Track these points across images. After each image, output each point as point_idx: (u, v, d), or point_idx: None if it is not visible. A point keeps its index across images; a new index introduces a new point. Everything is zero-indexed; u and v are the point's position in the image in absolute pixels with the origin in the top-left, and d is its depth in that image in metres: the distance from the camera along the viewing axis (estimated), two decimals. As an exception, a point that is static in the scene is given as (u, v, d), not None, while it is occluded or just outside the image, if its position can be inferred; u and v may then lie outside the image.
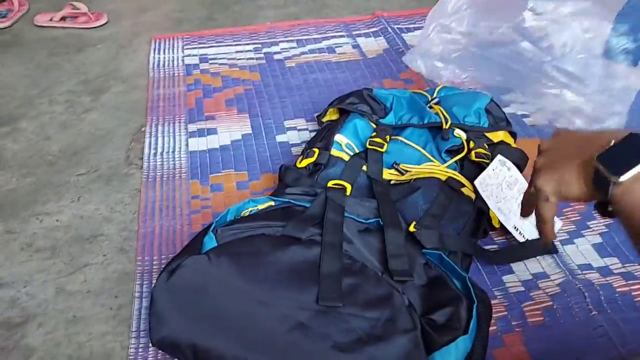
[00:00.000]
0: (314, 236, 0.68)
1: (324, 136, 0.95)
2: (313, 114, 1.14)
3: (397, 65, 1.30)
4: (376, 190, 0.82)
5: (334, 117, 1.02)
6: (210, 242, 0.68)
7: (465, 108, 0.96)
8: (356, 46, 1.38)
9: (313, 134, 1.08)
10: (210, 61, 1.33)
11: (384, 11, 1.53)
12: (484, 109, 0.97)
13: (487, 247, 0.82)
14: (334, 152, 0.90)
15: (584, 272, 0.79)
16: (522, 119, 1.11)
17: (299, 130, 1.10)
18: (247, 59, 1.34)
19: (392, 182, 0.88)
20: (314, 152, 0.90)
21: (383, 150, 0.90)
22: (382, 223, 0.73)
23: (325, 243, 0.66)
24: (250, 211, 0.76)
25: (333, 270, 0.62)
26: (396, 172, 0.89)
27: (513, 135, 0.97)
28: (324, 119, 1.03)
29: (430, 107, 0.99)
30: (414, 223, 0.74)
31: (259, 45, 1.39)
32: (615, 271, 0.79)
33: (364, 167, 0.89)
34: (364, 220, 0.74)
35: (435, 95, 1.02)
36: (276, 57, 1.35)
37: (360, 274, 0.63)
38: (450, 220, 0.79)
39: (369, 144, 0.91)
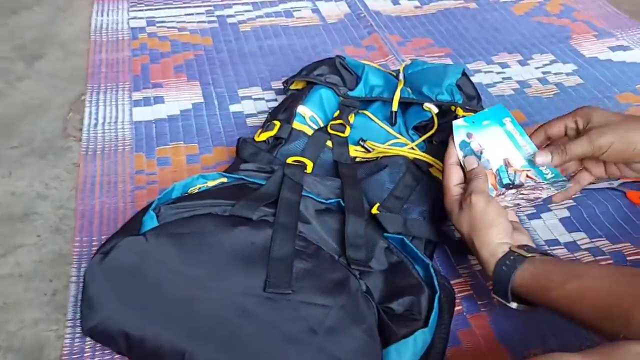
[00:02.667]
0: (266, 216, 0.62)
1: (287, 107, 0.88)
2: (269, 82, 1.07)
3: (358, 31, 1.24)
4: (341, 171, 0.77)
5: (300, 85, 0.94)
6: (150, 221, 0.61)
7: (436, 85, 0.87)
8: (316, 10, 1.31)
9: (270, 103, 1.01)
10: (158, 24, 1.24)
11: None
12: (455, 84, 0.88)
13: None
14: (296, 125, 0.84)
15: (551, 247, 0.76)
16: (487, 89, 1.06)
17: (255, 99, 1.02)
18: (199, 22, 1.25)
19: (357, 159, 0.82)
20: (274, 124, 0.83)
21: (345, 135, 0.83)
22: (342, 205, 0.68)
23: (278, 224, 0.60)
24: (199, 188, 0.70)
25: (284, 253, 0.57)
26: (362, 149, 0.83)
27: None
28: (291, 87, 0.95)
29: None
30: (377, 205, 0.69)
31: (211, 8, 1.30)
32: (583, 246, 0.76)
33: (329, 143, 0.82)
34: (324, 200, 0.69)
35: (400, 76, 0.93)
36: (230, 20, 1.26)
37: (315, 258, 0.58)
38: (416, 203, 0.74)
39: (330, 128, 0.84)
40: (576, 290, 0.54)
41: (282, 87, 1.03)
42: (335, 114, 0.88)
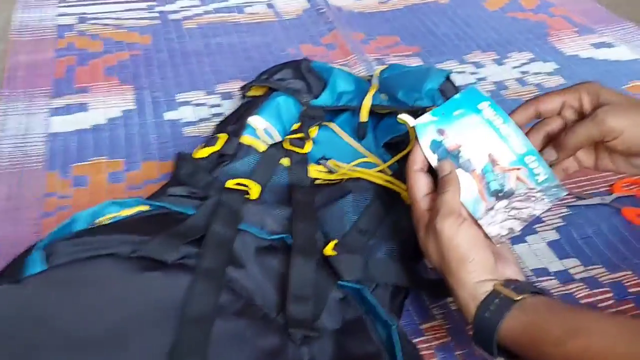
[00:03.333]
0: (187, 258, 0.49)
1: (238, 117, 0.75)
2: (214, 85, 0.93)
3: (318, 27, 1.11)
4: (294, 197, 0.63)
5: (260, 92, 0.80)
6: (35, 264, 0.47)
7: (414, 90, 0.73)
8: (271, 5, 1.18)
9: (213, 109, 0.88)
10: (90, 21, 1.09)
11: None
12: (438, 89, 0.74)
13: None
14: (246, 139, 0.70)
15: (539, 278, 0.64)
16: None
17: (195, 105, 0.89)
18: (138, 18, 1.11)
19: (318, 181, 0.69)
20: (218, 138, 0.70)
21: (304, 151, 0.70)
22: (289, 242, 0.55)
23: (200, 269, 0.47)
24: (111, 218, 0.56)
25: (202, 310, 0.43)
26: (324, 170, 0.70)
27: None
28: (248, 94, 0.82)
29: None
30: (333, 243, 0.56)
31: (154, 3, 1.16)
32: (577, 276, 0.65)
33: (285, 161, 0.69)
34: (266, 236, 0.55)
35: (374, 80, 0.79)
36: (173, 17, 1.12)
37: (243, 317, 0.45)
38: (385, 238, 0.60)
39: (288, 144, 0.71)
40: (579, 351, 0.42)
41: (230, 91, 0.91)
42: (295, 126, 0.74)
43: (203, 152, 0.67)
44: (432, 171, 0.55)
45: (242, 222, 0.57)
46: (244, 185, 0.63)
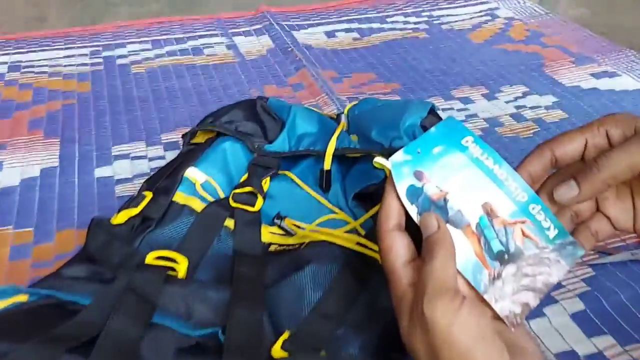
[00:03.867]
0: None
1: (173, 170, 0.60)
2: (159, 134, 0.79)
3: (284, 67, 0.98)
4: (236, 272, 0.48)
5: (205, 138, 0.66)
6: None
7: (391, 127, 0.60)
8: (232, 46, 1.06)
9: (155, 163, 0.73)
10: (23, 69, 0.96)
11: (271, 6, 1.22)
12: (420, 125, 0.61)
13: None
14: (180, 197, 0.56)
15: (566, 365, 0.49)
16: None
17: (133, 158, 0.74)
18: (78, 65, 0.98)
19: (272, 247, 0.54)
20: (144, 197, 0.55)
21: (255, 209, 0.56)
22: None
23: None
24: (-22, 313, 0.41)
25: None
26: (280, 231, 0.56)
27: None
28: (193, 141, 0.67)
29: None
30: (285, 335, 0.41)
31: (99, 48, 1.03)
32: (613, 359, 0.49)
33: (229, 223, 0.55)
34: (191, 332, 0.40)
35: (342, 118, 0.65)
36: (120, 61, 0.99)
37: None
38: (358, 326, 0.44)
39: (232, 199, 0.56)
40: None
41: (177, 140, 0.77)
42: (244, 178, 0.60)
43: (120, 217, 0.52)
44: (412, 229, 0.40)
45: (159, 313, 0.41)
46: (169, 259, 0.48)
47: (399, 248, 0.38)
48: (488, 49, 1.06)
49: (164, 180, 0.58)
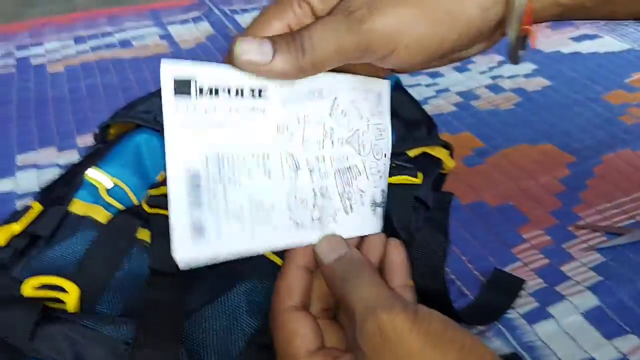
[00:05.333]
0: None
1: (72, 175, 0.47)
2: (74, 138, 0.66)
3: (225, 53, 0.86)
4: (148, 297, 0.36)
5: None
6: None
7: None
8: (166, 36, 0.93)
9: (67, 171, 0.60)
10: None
11: (211, -8, 1.09)
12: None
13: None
14: (78, 206, 0.43)
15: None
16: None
17: (41, 168, 0.61)
18: (-15, 67, 0.84)
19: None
20: (30, 209, 0.42)
21: None
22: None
23: None
24: None
25: None
26: None
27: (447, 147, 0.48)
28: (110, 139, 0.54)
29: None
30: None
31: (13, 50, 0.90)
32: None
33: (143, 234, 0.42)
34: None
35: None
36: (35, 61, 0.85)
37: None
38: None
39: (147, 203, 0.44)
40: None
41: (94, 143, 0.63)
42: (161, 176, 0.47)
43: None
44: None
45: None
46: (56, 288, 0.35)
47: (306, 334, 0.28)
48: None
49: (59, 188, 0.45)
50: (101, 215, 0.43)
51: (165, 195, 0.43)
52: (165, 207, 0.43)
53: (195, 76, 0.28)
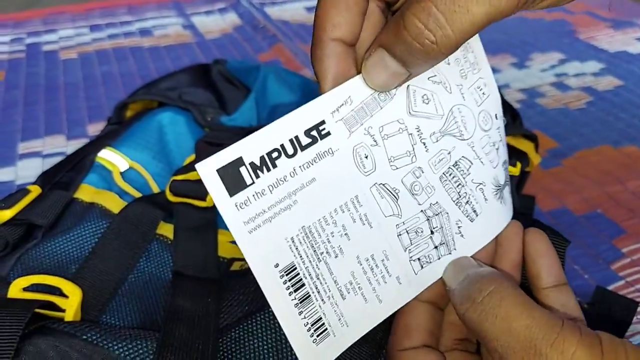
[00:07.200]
0: None
1: (85, 155, 0.39)
2: (85, 125, 0.58)
3: (254, 43, 0.78)
4: (172, 307, 0.28)
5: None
6: None
7: None
8: (189, 26, 0.85)
9: (76, 161, 0.52)
10: None
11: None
12: None
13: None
14: (86, 192, 0.35)
15: None
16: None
17: (46, 156, 0.53)
18: (-7, 52, 0.77)
19: (234, 265, 0.34)
20: (27, 192, 0.34)
21: (206, 204, 0.35)
22: None
23: None
24: None
25: None
26: None
27: (531, 138, 0.43)
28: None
29: None
30: None
31: (23, 35, 0.83)
32: None
33: (165, 229, 0.34)
34: None
35: None
36: (46, 48, 0.78)
37: None
38: None
39: (171, 191, 0.35)
40: None
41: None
42: (188, 160, 0.39)
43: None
44: None
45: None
46: (52, 291, 0.27)
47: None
48: (503, 20, 0.88)
49: (65, 170, 0.37)
50: (113, 204, 0.35)
51: (193, 181, 0.35)
52: (194, 196, 0.35)
53: (239, 153, 0.19)
